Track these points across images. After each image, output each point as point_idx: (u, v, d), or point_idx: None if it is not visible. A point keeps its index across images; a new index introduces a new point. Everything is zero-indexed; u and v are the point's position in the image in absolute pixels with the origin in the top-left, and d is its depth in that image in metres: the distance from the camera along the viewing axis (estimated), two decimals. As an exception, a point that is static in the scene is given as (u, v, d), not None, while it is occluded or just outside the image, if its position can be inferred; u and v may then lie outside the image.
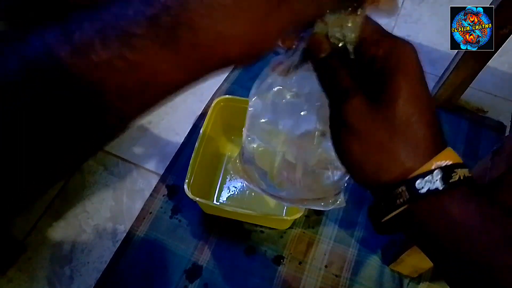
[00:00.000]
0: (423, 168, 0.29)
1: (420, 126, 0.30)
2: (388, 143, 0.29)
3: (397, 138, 0.29)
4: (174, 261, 0.99)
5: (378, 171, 0.30)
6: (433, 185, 0.28)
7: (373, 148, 0.30)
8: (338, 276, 0.97)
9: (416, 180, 0.29)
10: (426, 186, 0.28)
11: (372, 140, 0.30)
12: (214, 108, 1.04)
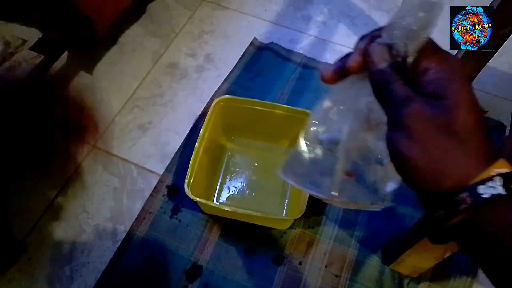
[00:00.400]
0: (484, 174, 0.29)
1: (480, 134, 0.30)
2: (451, 150, 0.30)
3: (460, 145, 0.30)
4: (174, 261, 0.99)
5: (439, 178, 0.30)
6: (496, 191, 0.29)
7: (436, 154, 0.30)
8: (338, 276, 0.97)
9: (478, 186, 0.29)
10: (489, 191, 0.29)
11: (435, 146, 0.30)
12: (214, 108, 1.04)
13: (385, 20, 1.50)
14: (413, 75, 0.33)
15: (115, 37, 1.41)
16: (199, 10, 1.50)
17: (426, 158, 0.30)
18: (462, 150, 0.30)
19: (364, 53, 0.35)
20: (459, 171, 0.30)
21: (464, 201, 0.29)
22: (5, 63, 1.03)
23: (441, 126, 0.30)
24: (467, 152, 0.30)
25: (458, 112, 0.30)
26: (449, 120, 0.30)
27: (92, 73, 1.33)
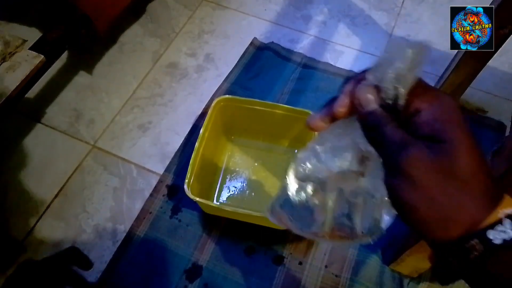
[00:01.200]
0: (492, 218, 0.28)
1: (483, 176, 0.29)
2: (456, 195, 0.28)
3: (464, 190, 0.28)
4: (174, 261, 0.99)
5: (447, 226, 0.29)
6: (507, 236, 0.28)
7: (441, 202, 0.28)
8: (338, 276, 0.97)
9: (487, 231, 0.28)
10: (500, 236, 0.28)
11: (440, 193, 0.28)
12: (214, 108, 1.04)
13: (385, 19, 1.51)
14: (404, 118, 0.32)
15: (115, 37, 1.41)
16: (199, 10, 1.50)
17: (431, 206, 0.29)
18: (467, 195, 0.28)
19: (352, 95, 0.33)
20: (467, 217, 0.28)
21: (474, 249, 0.28)
22: (5, 63, 1.03)
23: (443, 171, 0.29)
24: (472, 197, 0.28)
25: (460, 156, 0.29)
26: (451, 165, 0.29)
27: (92, 73, 1.33)
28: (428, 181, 0.28)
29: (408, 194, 0.29)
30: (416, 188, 0.29)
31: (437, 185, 0.28)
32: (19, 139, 1.19)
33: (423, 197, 0.29)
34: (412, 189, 0.29)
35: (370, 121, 0.32)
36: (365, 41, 1.41)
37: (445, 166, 0.28)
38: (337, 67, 1.33)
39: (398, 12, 1.48)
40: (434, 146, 0.29)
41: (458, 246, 0.29)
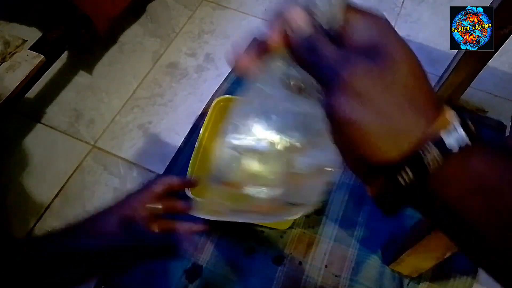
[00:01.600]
0: (442, 122, 0.27)
1: (427, 82, 0.28)
2: (404, 105, 0.26)
3: (412, 99, 0.27)
4: (174, 261, 0.99)
5: (398, 139, 0.26)
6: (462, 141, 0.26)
7: (390, 113, 0.26)
8: (338, 276, 0.97)
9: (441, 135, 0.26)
10: (455, 140, 0.26)
11: (387, 104, 0.26)
12: (214, 108, 1.04)
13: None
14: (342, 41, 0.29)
15: (115, 37, 1.41)
16: (199, 10, 1.50)
17: (380, 119, 0.26)
18: (414, 104, 0.27)
19: (282, 23, 0.30)
20: (416, 125, 0.26)
21: (429, 153, 0.25)
22: (5, 63, 1.03)
23: (389, 82, 0.26)
24: (419, 104, 0.27)
25: (402, 67, 0.27)
26: (394, 75, 0.27)
27: (92, 73, 1.33)
28: (375, 93, 0.26)
29: (356, 112, 0.26)
30: (363, 103, 0.26)
31: (385, 96, 0.26)
32: (19, 139, 1.19)
33: (371, 111, 0.26)
34: (359, 105, 0.26)
35: (307, 46, 0.29)
36: (365, 41, 1.41)
37: (390, 77, 0.27)
38: (337, 67, 1.33)
39: (398, 12, 1.48)
40: (375, 59, 0.27)
41: (411, 156, 0.26)
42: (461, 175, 0.25)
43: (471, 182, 0.25)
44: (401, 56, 0.28)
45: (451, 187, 0.26)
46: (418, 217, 1.02)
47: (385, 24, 0.30)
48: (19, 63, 1.04)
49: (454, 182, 0.26)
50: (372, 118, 0.26)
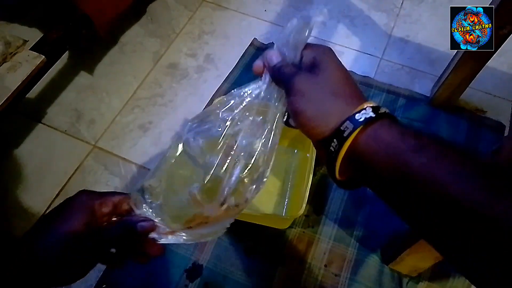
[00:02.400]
0: (359, 107, 0.39)
1: (351, 83, 0.42)
2: (331, 97, 0.41)
3: (337, 93, 0.41)
4: (175, 261, 0.99)
5: (327, 120, 0.40)
6: (368, 115, 0.38)
7: (321, 103, 0.41)
8: (338, 276, 0.97)
9: (355, 115, 0.38)
10: (363, 116, 0.38)
11: (319, 98, 0.41)
12: (214, 108, 1.04)
13: (384, 20, 1.50)
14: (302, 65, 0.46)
15: (115, 37, 1.41)
16: (199, 11, 1.50)
17: (313, 108, 0.41)
18: (339, 96, 0.41)
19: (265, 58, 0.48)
20: (340, 110, 0.39)
21: (347, 128, 0.38)
22: (6, 63, 1.03)
23: (320, 84, 0.41)
24: (342, 97, 0.41)
25: (330, 72, 0.42)
26: (325, 78, 0.42)
27: (92, 73, 1.33)
28: (310, 91, 0.41)
29: (300, 104, 0.41)
30: (302, 98, 0.41)
31: (317, 93, 0.41)
32: (20, 139, 1.19)
33: (310, 104, 0.41)
34: (301, 100, 0.41)
35: (276, 70, 0.46)
36: (365, 42, 1.41)
37: (321, 80, 0.42)
38: (337, 67, 1.33)
39: (398, 13, 1.49)
40: (314, 70, 0.43)
41: (336, 131, 0.39)
42: (369, 140, 0.37)
43: (376, 144, 0.37)
44: (331, 67, 0.43)
45: (363, 149, 0.38)
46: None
47: (325, 50, 0.45)
48: (20, 63, 1.04)
49: (365, 145, 0.38)
50: (310, 108, 0.41)
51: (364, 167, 0.39)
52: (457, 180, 0.33)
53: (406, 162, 0.35)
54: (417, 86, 1.31)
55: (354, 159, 0.39)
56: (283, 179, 1.09)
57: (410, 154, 0.35)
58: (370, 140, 0.38)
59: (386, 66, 1.36)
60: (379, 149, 0.37)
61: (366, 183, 0.41)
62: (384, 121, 0.38)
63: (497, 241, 0.30)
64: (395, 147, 0.36)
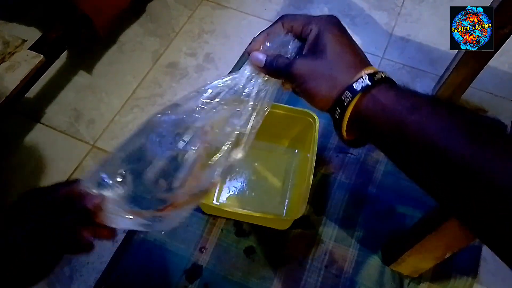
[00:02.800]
0: (356, 77, 0.43)
1: (351, 53, 0.46)
2: (330, 72, 0.44)
3: (334, 67, 0.44)
4: (174, 261, 0.99)
5: (330, 92, 0.44)
6: (364, 83, 0.42)
7: (322, 79, 0.45)
8: (339, 276, 0.97)
9: (353, 84, 0.42)
10: (360, 85, 0.42)
11: (319, 75, 0.45)
12: (214, 108, 1.04)
13: (385, 19, 1.50)
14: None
15: (114, 37, 1.41)
16: (199, 10, 1.50)
17: (315, 85, 0.45)
18: (338, 69, 0.44)
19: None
20: (340, 82, 0.43)
21: (347, 97, 0.42)
22: (4, 63, 1.03)
23: (318, 63, 0.45)
24: (342, 69, 0.44)
25: (328, 46, 0.45)
26: (324, 55, 0.45)
27: (91, 73, 1.33)
28: (310, 72, 0.45)
29: (303, 86, 0.46)
30: (305, 80, 0.45)
31: (317, 72, 0.45)
32: (18, 139, 1.19)
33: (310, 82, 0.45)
34: (304, 82, 0.45)
35: (269, 66, 0.49)
36: (365, 41, 1.41)
37: (319, 59, 0.45)
38: (337, 67, 1.33)
39: (398, 12, 1.48)
40: (314, 51, 0.47)
41: (338, 101, 0.43)
42: (368, 105, 0.42)
43: (375, 108, 0.42)
44: (330, 42, 0.46)
45: (364, 113, 0.42)
46: (418, 217, 1.02)
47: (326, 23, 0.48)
48: (19, 63, 1.04)
49: (365, 110, 0.42)
50: (312, 86, 0.45)
51: (367, 128, 0.44)
52: (445, 135, 0.37)
53: (402, 121, 0.39)
54: (418, 85, 1.30)
55: (357, 122, 0.44)
56: (283, 179, 1.09)
57: (405, 113, 0.40)
58: (370, 104, 0.42)
59: (387, 65, 1.35)
60: (378, 111, 0.42)
61: (371, 141, 0.46)
62: (381, 86, 0.43)
63: (479, 188, 0.34)
64: (392, 109, 0.41)
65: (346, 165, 1.13)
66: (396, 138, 0.41)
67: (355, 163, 1.13)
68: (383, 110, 0.41)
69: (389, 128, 0.41)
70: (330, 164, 1.12)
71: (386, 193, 1.08)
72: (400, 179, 1.10)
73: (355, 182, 1.09)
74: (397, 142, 0.41)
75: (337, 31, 0.48)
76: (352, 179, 1.10)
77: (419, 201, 1.05)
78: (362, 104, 0.42)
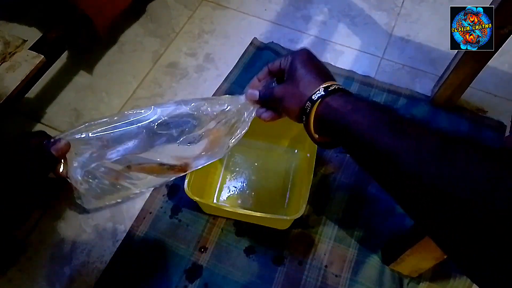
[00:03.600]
0: (315, 90, 0.57)
1: (311, 75, 0.59)
2: (298, 90, 0.60)
3: (301, 86, 0.59)
4: (174, 261, 0.99)
5: (298, 105, 0.60)
6: (320, 94, 0.57)
7: (293, 97, 0.60)
8: (338, 276, 0.97)
9: (312, 96, 0.57)
10: (317, 95, 0.57)
11: (290, 94, 0.61)
12: (214, 108, 1.04)
13: (385, 19, 1.50)
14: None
15: (115, 37, 1.41)
16: (199, 10, 1.50)
17: (288, 102, 0.62)
18: (304, 87, 0.59)
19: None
20: (304, 97, 0.58)
21: (308, 106, 0.58)
22: (5, 63, 1.03)
23: (289, 86, 0.61)
24: (306, 86, 0.59)
25: (297, 73, 0.60)
26: (293, 80, 0.61)
27: (92, 73, 1.33)
28: (284, 94, 0.62)
29: (281, 104, 0.63)
30: (282, 100, 0.63)
31: (289, 92, 0.61)
32: (19, 139, 1.19)
33: (285, 100, 0.62)
34: (281, 101, 0.63)
35: (262, 98, 0.69)
36: (365, 41, 1.41)
37: (290, 83, 0.61)
38: (337, 67, 1.33)
39: (398, 12, 1.49)
40: (289, 76, 0.62)
41: (302, 110, 0.59)
42: (324, 110, 0.56)
43: (328, 111, 0.55)
44: (298, 69, 0.61)
45: (322, 117, 0.56)
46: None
47: (295, 56, 0.63)
48: (19, 63, 1.04)
49: (322, 114, 0.56)
50: (286, 103, 0.62)
51: (328, 129, 0.57)
52: (373, 131, 0.47)
53: (346, 120, 0.51)
54: (418, 85, 1.30)
55: (320, 125, 0.58)
56: (283, 179, 1.09)
57: (348, 114, 0.52)
58: (325, 110, 0.56)
59: (387, 65, 1.35)
60: (331, 114, 0.54)
61: (336, 141, 0.59)
62: (334, 95, 0.56)
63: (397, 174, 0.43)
64: (340, 112, 0.53)
65: (346, 165, 1.13)
66: (344, 134, 0.52)
67: (355, 163, 1.13)
68: (335, 113, 0.54)
69: (339, 127, 0.53)
70: (330, 164, 1.12)
71: (386, 193, 1.07)
72: (400, 179, 1.10)
73: (355, 182, 1.09)
74: (345, 137, 0.52)
75: (305, 57, 0.62)
76: (352, 179, 1.10)
77: (419, 201, 1.05)
78: (319, 110, 0.56)
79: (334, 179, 1.10)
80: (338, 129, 0.53)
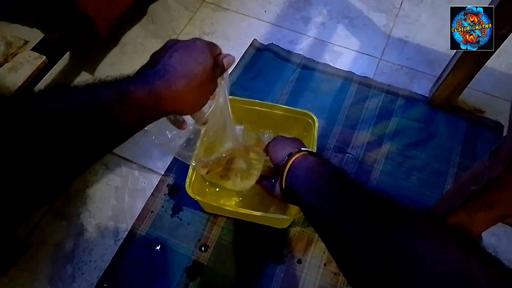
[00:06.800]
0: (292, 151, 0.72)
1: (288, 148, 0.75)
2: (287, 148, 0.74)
3: (286, 148, 0.75)
4: (175, 260, 0.99)
5: (279, 162, 0.74)
6: (294, 152, 0.71)
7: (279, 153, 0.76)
8: (337, 274, 0.98)
9: (290, 153, 0.72)
10: (293, 152, 0.71)
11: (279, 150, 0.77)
12: (215, 108, 1.04)
13: (384, 21, 1.51)
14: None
15: (116, 38, 1.42)
16: (199, 11, 1.51)
17: (278, 156, 0.75)
18: (289, 148, 0.74)
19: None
20: (286, 153, 0.72)
21: (285, 159, 0.71)
22: (7, 64, 1.04)
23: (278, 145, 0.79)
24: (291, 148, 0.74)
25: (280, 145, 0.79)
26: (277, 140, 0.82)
27: (93, 74, 1.34)
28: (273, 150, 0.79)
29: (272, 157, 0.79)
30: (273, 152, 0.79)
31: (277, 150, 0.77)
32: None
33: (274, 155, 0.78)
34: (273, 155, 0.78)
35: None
36: (364, 42, 1.42)
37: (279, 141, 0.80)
38: (336, 68, 1.34)
39: (397, 13, 1.50)
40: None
41: (285, 163, 0.70)
42: (296, 164, 0.69)
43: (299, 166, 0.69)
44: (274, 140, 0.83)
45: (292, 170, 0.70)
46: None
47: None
48: (21, 64, 1.04)
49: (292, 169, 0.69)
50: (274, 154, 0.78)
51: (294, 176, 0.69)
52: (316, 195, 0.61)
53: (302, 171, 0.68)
54: (416, 86, 1.31)
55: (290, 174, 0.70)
56: (283, 179, 1.09)
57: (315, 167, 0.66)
58: (295, 162, 0.70)
59: (385, 66, 1.36)
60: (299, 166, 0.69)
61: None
62: (304, 154, 0.71)
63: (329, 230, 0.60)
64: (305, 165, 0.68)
65: (345, 165, 1.14)
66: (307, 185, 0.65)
67: (353, 163, 1.14)
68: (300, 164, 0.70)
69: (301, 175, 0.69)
70: (329, 164, 1.13)
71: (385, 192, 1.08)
72: (398, 179, 1.11)
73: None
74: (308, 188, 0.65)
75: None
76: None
77: (416, 201, 1.06)
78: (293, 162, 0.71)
79: (334, 178, 1.11)
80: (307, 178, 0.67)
